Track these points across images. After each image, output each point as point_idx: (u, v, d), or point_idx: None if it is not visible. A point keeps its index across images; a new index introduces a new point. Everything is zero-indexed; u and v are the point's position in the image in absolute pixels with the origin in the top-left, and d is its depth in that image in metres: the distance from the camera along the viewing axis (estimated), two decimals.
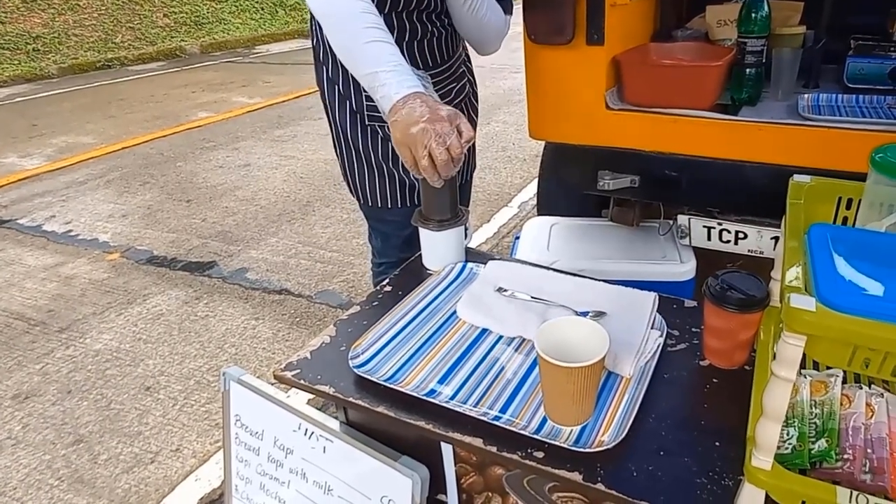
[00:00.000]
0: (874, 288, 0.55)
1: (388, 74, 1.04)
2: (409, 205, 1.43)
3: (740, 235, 1.73)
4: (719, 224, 1.74)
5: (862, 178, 0.75)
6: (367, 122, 1.36)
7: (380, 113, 1.30)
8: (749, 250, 1.74)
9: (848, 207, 0.74)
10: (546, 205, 2.17)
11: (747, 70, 1.64)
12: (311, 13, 1.26)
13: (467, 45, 1.50)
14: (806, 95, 1.64)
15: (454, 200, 1.13)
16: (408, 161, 1.04)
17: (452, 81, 1.41)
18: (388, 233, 1.51)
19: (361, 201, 1.47)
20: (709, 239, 1.78)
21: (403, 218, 1.42)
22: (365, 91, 1.28)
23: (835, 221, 0.76)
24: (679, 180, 1.69)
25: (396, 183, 1.41)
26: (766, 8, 1.59)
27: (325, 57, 1.35)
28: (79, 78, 7.78)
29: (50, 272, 2.96)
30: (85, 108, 6.15)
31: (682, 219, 1.78)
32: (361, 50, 1.07)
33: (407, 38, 1.27)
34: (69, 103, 6.40)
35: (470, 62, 1.53)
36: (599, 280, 1.07)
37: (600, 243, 1.94)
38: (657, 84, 1.61)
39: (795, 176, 0.77)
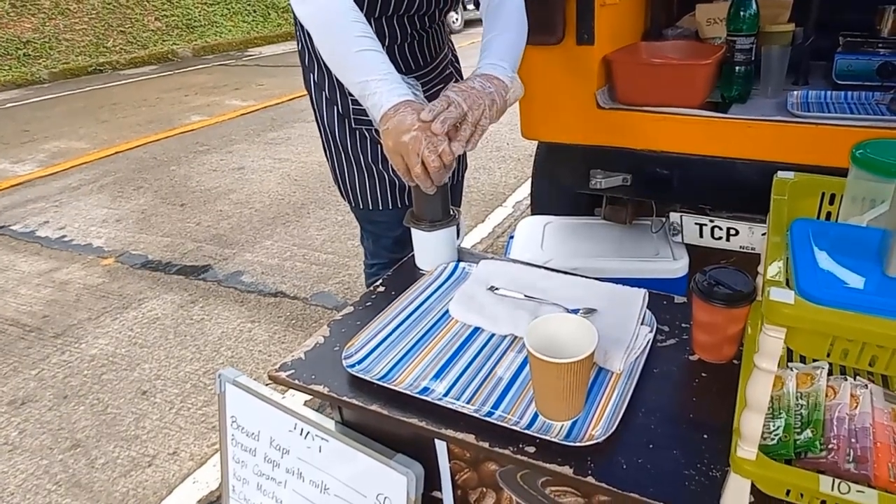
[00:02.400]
0: (854, 281, 0.56)
1: (378, 83, 1.04)
2: (399, 206, 1.44)
3: (732, 232, 1.74)
4: (711, 221, 1.75)
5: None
6: (354, 126, 1.37)
7: (366, 116, 1.30)
8: (741, 247, 1.75)
9: (831, 203, 0.76)
10: (540, 204, 2.19)
11: (737, 68, 1.66)
12: (295, 18, 1.26)
13: (454, 45, 1.51)
14: (795, 92, 1.65)
15: (445, 201, 1.14)
16: (400, 169, 1.05)
17: (439, 82, 1.42)
18: (378, 234, 1.51)
19: (352, 204, 1.48)
20: (701, 236, 1.79)
21: (394, 219, 1.42)
22: (351, 95, 1.29)
23: (819, 216, 0.77)
24: (671, 178, 1.70)
25: (386, 184, 1.42)
26: (754, 6, 1.60)
27: (310, 61, 1.35)
28: (70, 83, 7.77)
29: (44, 278, 2.95)
30: (77, 113, 6.14)
31: (675, 216, 1.80)
32: (352, 59, 1.07)
33: (387, 43, 1.25)
34: (61, 108, 6.39)
35: (458, 62, 1.53)
36: (592, 278, 1.08)
37: (594, 242, 1.95)
38: (648, 83, 1.62)
39: (779, 172, 0.79)
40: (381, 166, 1.39)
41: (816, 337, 0.52)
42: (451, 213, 1.16)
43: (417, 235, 1.16)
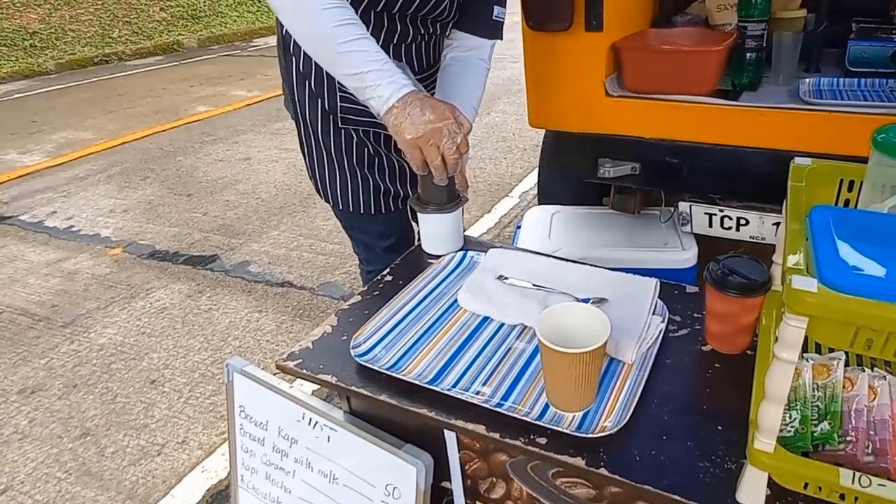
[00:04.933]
0: (876, 269, 0.55)
1: (376, 75, 1.01)
2: (382, 211, 1.36)
3: (742, 222, 1.73)
4: (721, 211, 1.74)
5: (864, 161, 0.74)
6: (340, 125, 1.28)
7: (355, 116, 1.25)
8: (751, 237, 1.73)
9: (850, 190, 0.74)
10: (547, 194, 2.17)
11: (748, 55, 1.63)
12: None
13: None
14: (807, 80, 1.63)
15: (452, 184, 1.13)
16: (416, 161, 1.05)
17: (435, 84, 1.35)
18: (368, 243, 1.43)
19: (332, 204, 1.39)
20: (710, 226, 1.77)
21: (385, 226, 1.35)
22: (340, 91, 1.22)
23: (836, 204, 0.75)
24: (680, 167, 1.68)
25: (370, 188, 1.33)
26: None
27: (296, 48, 1.24)
28: (77, 73, 7.76)
29: (52, 268, 2.96)
30: (84, 104, 6.14)
31: (684, 206, 1.78)
32: (339, 50, 1.01)
33: (395, 41, 1.20)
34: (68, 99, 6.38)
35: None
36: (602, 267, 1.07)
37: (602, 231, 1.94)
38: (657, 70, 1.60)
39: (796, 158, 0.77)
40: (366, 170, 1.32)
41: (840, 326, 0.51)
42: (458, 195, 1.15)
43: (424, 219, 1.15)
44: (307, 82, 1.26)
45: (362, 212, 1.35)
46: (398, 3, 1.13)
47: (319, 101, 1.26)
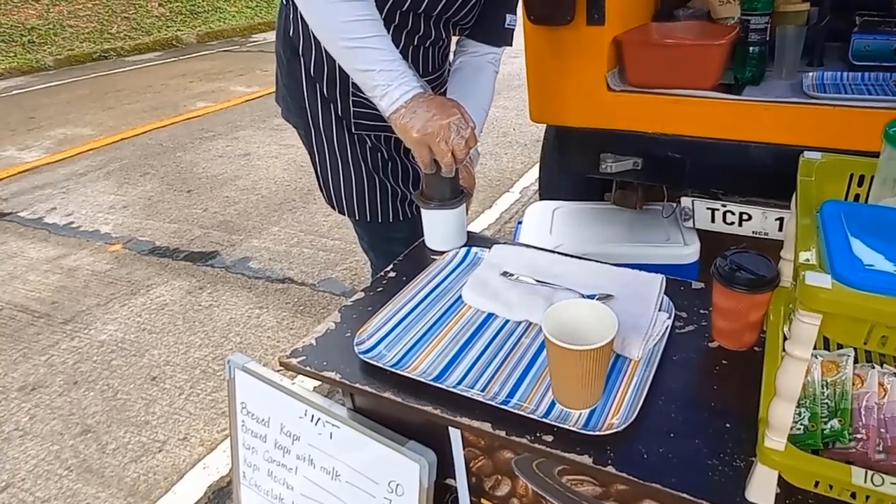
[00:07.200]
0: (889, 265, 0.54)
1: (387, 75, 1.01)
2: (400, 218, 1.33)
3: (744, 217, 1.72)
4: (723, 206, 1.73)
5: (868, 156, 0.73)
6: (353, 130, 1.25)
7: (368, 121, 1.24)
8: (753, 232, 1.73)
9: (860, 184, 0.73)
10: (548, 189, 2.16)
11: (751, 48, 1.62)
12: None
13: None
14: (810, 74, 1.62)
15: (455, 180, 1.12)
16: (425, 159, 1.05)
17: (440, 86, 1.35)
18: (393, 251, 1.34)
19: (352, 217, 1.34)
20: (713, 221, 1.77)
21: (409, 233, 1.30)
22: (353, 96, 1.21)
23: (846, 198, 0.74)
24: (682, 162, 1.67)
25: (389, 194, 1.31)
26: None
27: (306, 50, 1.20)
28: (75, 69, 7.73)
29: (52, 264, 2.95)
30: (83, 100, 6.11)
31: (686, 201, 1.77)
32: (354, 45, 1.01)
33: (415, 43, 1.19)
34: (66, 95, 6.36)
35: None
36: (605, 263, 1.06)
37: (603, 227, 1.93)
38: (659, 64, 1.59)
39: (806, 153, 0.76)
40: (382, 175, 1.29)
41: (854, 323, 0.50)
42: (461, 191, 1.14)
43: (428, 216, 1.14)
44: (318, 86, 1.23)
45: (380, 220, 1.32)
46: (423, 4, 1.11)
47: (331, 105, 1.24)
